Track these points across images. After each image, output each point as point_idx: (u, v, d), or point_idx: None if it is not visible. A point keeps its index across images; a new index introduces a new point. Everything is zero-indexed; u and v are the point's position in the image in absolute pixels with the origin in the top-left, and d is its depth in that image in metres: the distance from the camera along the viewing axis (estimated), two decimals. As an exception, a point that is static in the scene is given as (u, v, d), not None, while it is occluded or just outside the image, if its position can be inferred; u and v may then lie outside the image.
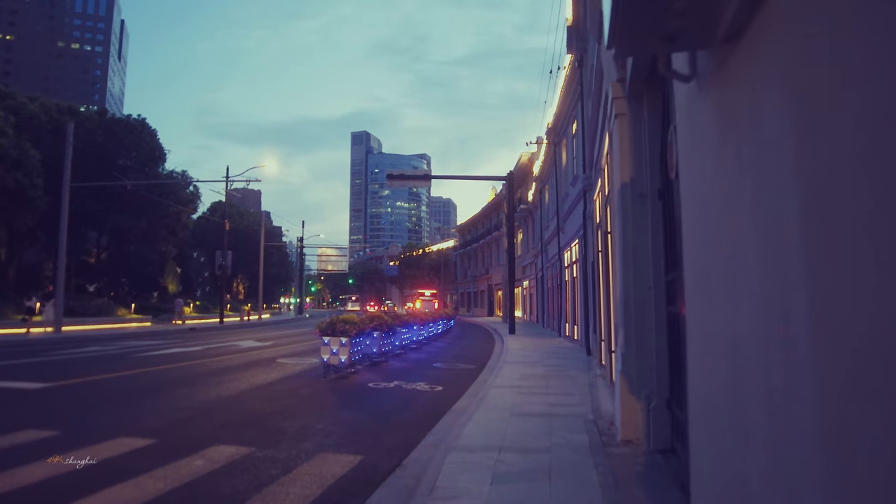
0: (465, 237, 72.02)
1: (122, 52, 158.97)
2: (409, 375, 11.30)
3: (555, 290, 25.85)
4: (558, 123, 22.36)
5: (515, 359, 13.43)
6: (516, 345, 17.86)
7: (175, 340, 20.84)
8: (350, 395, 8.94)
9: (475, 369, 12.19)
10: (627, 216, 5.48)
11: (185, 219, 41.30)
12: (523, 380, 9.77)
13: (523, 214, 41.51)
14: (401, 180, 26.00)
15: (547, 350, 16.07)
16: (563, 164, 22.32)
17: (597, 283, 10.38)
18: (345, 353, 10.27)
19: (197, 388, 9.39)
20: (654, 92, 5.18)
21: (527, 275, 42.10)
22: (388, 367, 12.47)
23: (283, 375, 11.05)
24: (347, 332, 10.25)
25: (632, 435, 5.32)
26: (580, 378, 9.98)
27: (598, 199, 10.81)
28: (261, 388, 9.48)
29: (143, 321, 34.86)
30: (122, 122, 39.64)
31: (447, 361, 13.97)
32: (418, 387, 9.66)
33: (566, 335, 21.29)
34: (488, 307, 58.71)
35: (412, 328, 16.61)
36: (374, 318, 12.58)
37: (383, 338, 12.75)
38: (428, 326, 19.60)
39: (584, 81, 15.55)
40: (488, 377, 10.35)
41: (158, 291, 46.72)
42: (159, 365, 12.80)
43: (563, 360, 13.14)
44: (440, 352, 16.92)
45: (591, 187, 13.62)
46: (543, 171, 29.71)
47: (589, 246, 14.57)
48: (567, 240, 20.81)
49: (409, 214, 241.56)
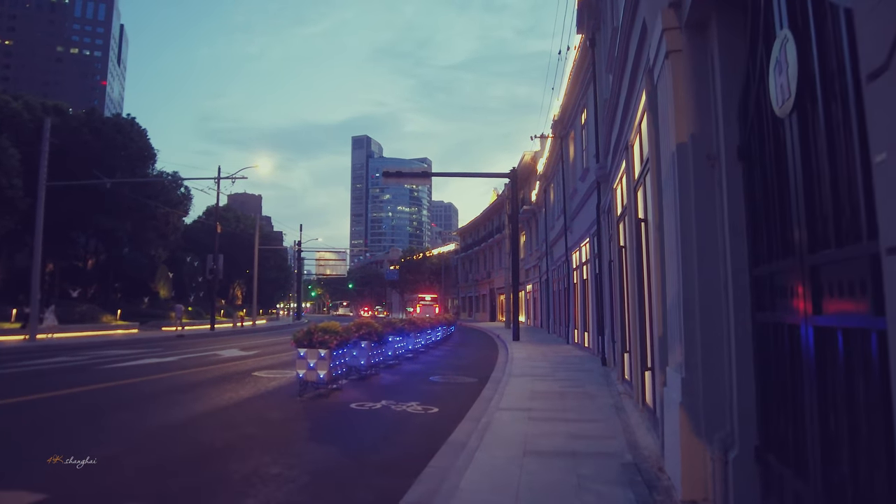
0: (466, 240, 70.51)
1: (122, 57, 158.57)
2: (401, 392, 9.78)
3: (561, 293, 24.31)
4: (565, 115, 20.88)
5: (522, 370, 11.89)
6: (522, 353, 16.31)
7: (154, 349, 19.33)
8: (325, 421, 7.41)
9: (477, 384, 10.66)
10: (687, 190, 3.96)
11: (175, 221, 39.75)
12: (534, 399, 8.23)
13: (526, 216, 40.01)
14: (397, 177, 24.54)
15: (556, 360, 14.53)
16: (571, 159, 20.81)
17: (622, 285, 8.86)
18: (324, 367, 8.75)
19: (145, 412, 7.87)
20: (731, 10, 3.68)
21: (530, 278, 40.56)
22: (378, 382, 10.94)
23: (254, 393, 9.53)
24: (327, 344, 8.74)
25: (698, 494, 3.79)
26: (601, 397, 8.44)
27: (620, 187, 9.30)
28: (222, 410, 7.96)
29: (130, 328, 33.34)
30: (111, 122, 38.19)
31: (446, 374, 12.44)
32: (409, 408, 8.13)
33: (575, 342, 19.74)
34: (490, 312, 57.14)
35: (407, 336, 15.09)
36: (362, 327, 11.07)
37: (372, 348, 11.23)
38: (425, 333, 18.07)
39: (595, 62, 14.06)
40: (492, 394, 8.82)
41: (150, 297, 45.16)
42: (120, 379, 11.29)
43: (576, 373, 11.60)
44: (438, 362, 15.39)
45: (608, 177, 12.12)
46: (549, 169, 28.21)
47: (604, 243, 13.05)
48: (576, 239, 19.30)
49: (410, 219, 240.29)
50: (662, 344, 5.07)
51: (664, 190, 4.61)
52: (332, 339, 8.76)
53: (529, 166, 38.04)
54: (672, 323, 4.27)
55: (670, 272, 4.37)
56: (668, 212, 4.37)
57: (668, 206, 4.40)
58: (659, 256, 5.21)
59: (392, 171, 24.55)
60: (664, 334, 5.01)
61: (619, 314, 9.88)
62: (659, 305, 5.18)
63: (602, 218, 13.16)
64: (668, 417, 4.36)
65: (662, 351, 5.06)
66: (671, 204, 4.27)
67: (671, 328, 4.31)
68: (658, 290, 5.20)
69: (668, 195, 4.43)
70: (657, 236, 5.23)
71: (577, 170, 18.97)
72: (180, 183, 40.69)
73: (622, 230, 9.25)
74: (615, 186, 9.96)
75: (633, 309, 7.60)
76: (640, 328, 7.02)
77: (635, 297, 7.47)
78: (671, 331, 4.31)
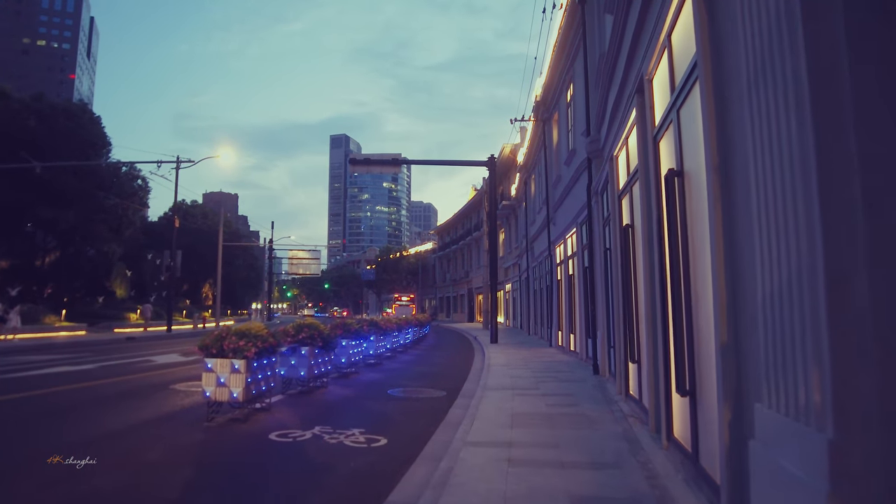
0: (443, 239, 68.47)
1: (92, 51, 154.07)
2: (346, 413, 7.68)
3: (543, 292, 22.39)
4: (549, 94, 18.94)
5: (501, 381, 9.87)
6: (500, 358, 14.30)
7: (81, 355, 16.90)
8: (225, 464, 5.29)
9: (445, 400, 8.61)
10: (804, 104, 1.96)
11: (131, 215, 36.96)
12: (515, 425, 6.21)
13: (505, 212, 38.14)
14: (366, 165, 22.40)
15: (540, 366, 12.54)
16: (555, 143, 18.89)
17: (626, 276, 6.87)
18: (238, 383, 6.60)
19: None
20: None
21: (509, 277, 38.68)
22: (321, 398, 8.82)
23: (153, 415, 7.36)
24: (242, 352, 6.59)
25: None
26: (603, 422, 6.44)
27: (624, 151, 7.33)
28: (88, 444, 5.78)
29: (76, 329, 30.60)
30: (60, 107, 35.26)
31: (409, 386, 10.36)
32: (349, 438, 6.04)
33: (559, 345, 17.81)
34: (468, 312, 55.19)
35: (367, 339, 12.97)
36: (302, 329, 8.94)
37: (317, 355, 9.10)
38: (392, 336, 15.95)
39: (586, 20, 12.11)
40: (461, 417, 6.78)
41: (105, 296, 42.19)
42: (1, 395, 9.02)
43: (565, 385, 9.61)
44: (404, 369, 13.29)
45: (601, 151, 10.17)
46: (529, 159, 26.31)
47: (596, 231, 11.11)
48: (560, 232, 17.37)
49: (388, 219, 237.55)
50: (730, 358, 3.07)
51: (752, 103, 2.58)
52: (249, 346, 6.61)
53: (508, 160, 36.18)
54: (782, 327, 2.25)
55: (772, 241, 2.34)
56: (772, 141, 2.33)
57: (771, 132, 2.36)
58: (721, 222, 3.21)
59: (360, 157, 22.41)
60: (735, 344, 3.02)
61: (620, 313, 7.91)
62: (723, 298, 3.17)
63: (594, 201, 11.22)
64: (768, 497, 2.35)
65: (730, 371, 3.07)
66: (783, 126, 2.23)
67: (777, 336, 2.29)
68: (721, 274, 3.19)
69: (766, 111, 2.40)
70: (722, 192, 3.23)
71: (562, 154, 17.06)
72: (136, 174, 37.95)
73: (626, 207, 7.28)
74: (616, 154, 7.99)
75: (648, 306, 5.61)
76: (660, 333, 5.04)
77: (652, 289, 5.49)
78: (777, 341, 2.28)
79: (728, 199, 3.16)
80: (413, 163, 22.92)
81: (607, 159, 8.81)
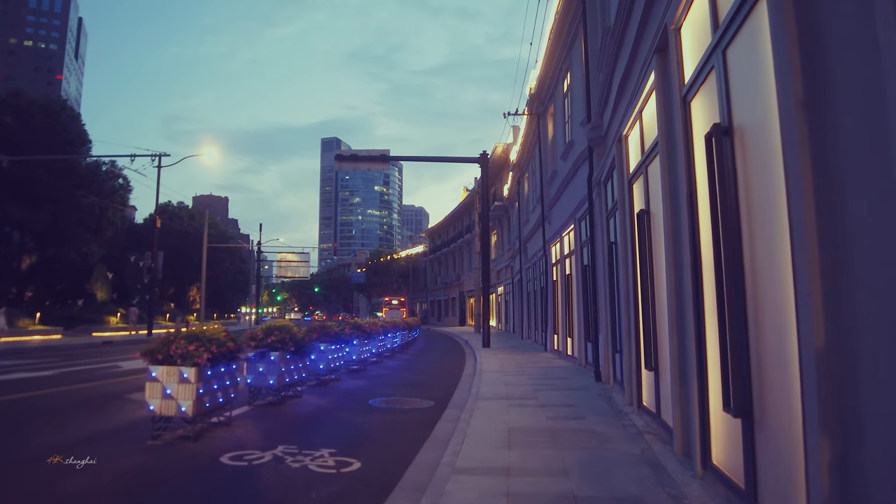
0: (435, 242, 67.49)
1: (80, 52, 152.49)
2: (318, 428, 6.71)
3: (537, 294, 21.50)
4: (543, 87, 18.07)
5: (495, 390, 8.94)
6: (493, 364, 13.37)
7: (48, 360, 15.80)
8: (157, 497, 4.31)
9: (431, 412, 7.66)
10: None
11: (111, 215, 35.69)
12: (513, 445, 5.27)
13: (498, 213, 37.29)
14: (353, 161, 21.42)
15: (536, 372, 11.62)
16: (550, 138, 18.02)
17: (637, 272, 5.95)
18: (188, 394, 5.62)
19: None
20: None
21: (501, 280, 37.79)
22: (292, 410, 7.83)
23: (97, 431, 6.36)
24: (192, 358, 5.60)
25: None
26: (616, 439, 5.51)
27: (637, 127, 6.43)
28: (9, 469, 4.79)
29: (52, 333, 29.35)
30: (37, 103, 34.04)
31: (393, 395, 9.39)
32: (315, 462, 5.07)
33: (555, 349, 16.90)
34: (460, 316, 54.23)
35: (350, 343, 11.98)
36: (272, 332, 7.96)
37: (289, 361, 8.12)
38: (378, 340, 14.96)
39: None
40: (450, 433, 5.84)
41: (85, 299, 40.83)
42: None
43: (566, 393, 8.69)
44: (390, 376, 12.32)
45: (604, 138, 9.30)
46: (523, 156, 25.46)
47: (598, 225, 10.21)
48: (556, 230, 16.49)
49: (380, 222, 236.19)
50: (827, 369, 2.15)
51: None
52: (201, 352, 5.63)
53: (501, 160, 35.33)
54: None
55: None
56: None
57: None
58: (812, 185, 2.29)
59: (346, 154, 21.46)
60: (835, 351, 2.10)
61: (630, 313, 7.00)
62: (816, 291, 2.25)
63: (595, 192, 10.33)
64: None
65: (828, 388, 2.14)
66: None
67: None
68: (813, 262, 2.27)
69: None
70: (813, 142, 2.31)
71: (558, 148, 16.18)
72: (118, 172, 36.73)
73: (639, 191, 6.38)
74: (626, 133, 7.09)
75: (673, 304, 4.70)
76: (691, 336, 4.12)
77: (679, 284, 4.58)
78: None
79: (821, 152, 2.25)
80: (402, 159, 22.00)
81: (613, 142, 7.91)
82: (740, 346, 3.08)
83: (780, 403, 2.70)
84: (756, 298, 3.01)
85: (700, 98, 3.98)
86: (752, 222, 3.02)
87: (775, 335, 2.75)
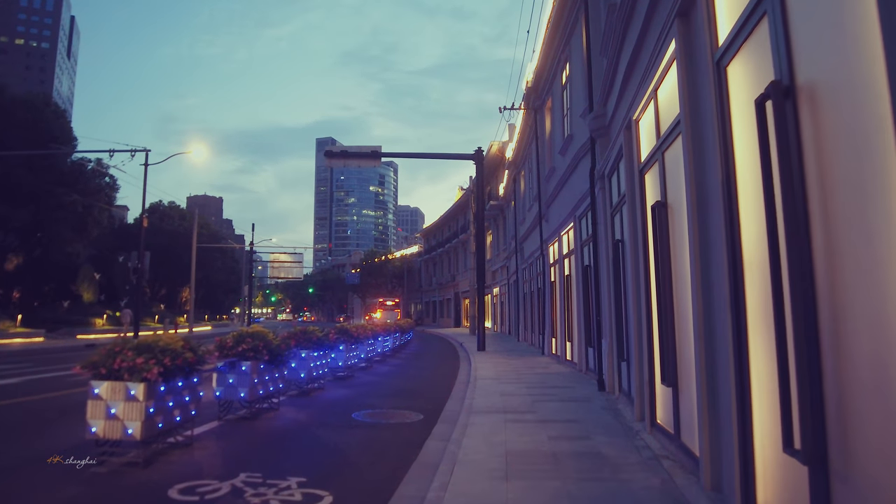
0: (430, 242, 66.71)
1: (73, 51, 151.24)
2: (287, 450, 5.95)
3: (534, 295, 20.78)
4: (541, 80, 17.35)
5: (490, 401, 8.19)
6: (489, 370, 12.63)
7: (21, 366, 14.98)
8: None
9: (420, 428, 6.91)
10: None
11: (97, 215, 34.75)
12: (514, 475, 4.53)
13: (493, 212, 36.58)
14: (343, 158, 20.64)
15: (534, 380, 10.89)
16: (548, 133, 17.31)
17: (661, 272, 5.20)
18: (135, 414, 4.85)
19: None
20: None
21: (497, 280, 37.07)
22: (264, 427, 7.07)
23: (39, 452, 5.58)
24: (141, 372, 4.84)
25: None
26: (631, 467, 4.77)
27: (652, 106, 5.70)
28: None
29: (33, 336, 28.45)
30: (20, 99, 33.12)
31: (380, 406, 8.64)
32: (279, 496, 4.31)
33: (553, 353, 16.18)
34: (455, 317, 53.46)
35: (335, 349, 11.22)
36: (244, 340, 7.20)
37: (262, 371, 7.35)
38: (366, 345, 14.20)
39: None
40: (439, 457, 5.10)
41: (71, 300, 39.85)
42: None
43: (568, 406, 7.95)
44: (377, 384, 11.56)
45: (608, 128, 8.60)
46: (519, 153, 24.74)
47: (601, 221, 9.49)
48: (554, 228, 15.78)
49: (375, 223, 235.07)
50: None
51: None
52: (150, 365, 4.87)
53: (496, 158, 34.65)
54: None
55: None
56: None
57: None
58: None
59: (336, 150, 20.69)
60: None
61: (642, 318, 6.27)
62: None
63: (598, 187, 9.61)
64: None
65: None
66: None
67: None
68: None
69: None
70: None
71: (556, 143, 15.46)
72: (104, 170, 35.81)
73: (653, 182, 5.66)
74: (637, 118, 6.36)
75: (698, 310, 3.97)
76: (730, 346, 3.39)
77: (706, 284, 3.86)
78: None
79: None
80: (394, 155, 21.31)
81: (620, 130, 7.18)
82: (813, 371, 2.35)
83: (875, 451, 1.97)
84: (835, 306, 2.27)
85: (742, 59, 3.25)
86: (830, 208, 2.29)
87: (869, 357, 2.02)
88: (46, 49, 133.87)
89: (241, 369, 7.07)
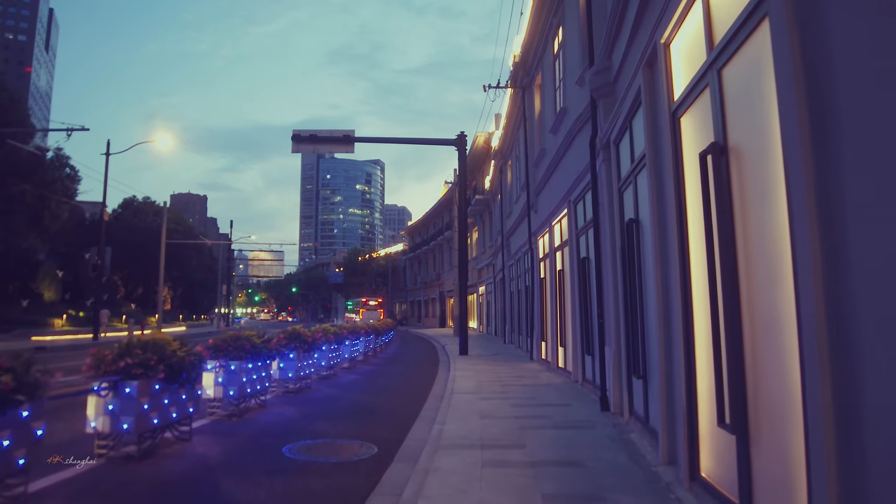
0: (415, 240, 64.81)
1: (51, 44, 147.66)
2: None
3: (522, 293, 19.01)
4: (529, 53, 15.55)
5: (465, 427, 6.38)
6: (469, 380, 10.82)
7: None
8: None
9: (366, 473, 5.05)
10: None
11: (55, 208, 32.44)
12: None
13: (479, 208, 34.79)
14: (312, 143, 18.73)
15: (522, 394, 9.09)
16: (538, 112, 15.53)
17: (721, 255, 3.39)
18: None
19: None
20: None
21: (483, 279, 35.28)
22: (155, 471, 5.16)
23: None
24: None
25: None
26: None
27: (679, 36, 3.89)
28: None
29: (-19, 339, 26.17)
30: (-28, 86, 30.83)
31: (326, 434, 6.77)
32: None
33: (543, 359, 14.40)
34: (440, 317, 51.63)
35: (285, 358, 9.35)
36: (132, 352, 5.32)
37: (158, 394, 5.46)
38: (328, 351, 12.30)
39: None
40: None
41: (30, 300, 37.45)
42: None
43: (566, 435, 6.15)
44: (334, 399, 9.69)
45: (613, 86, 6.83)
46: (506, 141, 22.97)
47: (604, 203, 7.70)
48: (544, 219, 14.01)
49: (361, 222, 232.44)
50: None
51: None
52: None
53: (482, 151, 32.85)
54: None
55: None
56: None
57: None
58: None
59: (305, 134, 18.76)
60: None
61: (677, 327, 4.47)
62: None
63: (601, 159, 7.82)
64: None
65: None
66: None
67: None
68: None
69: None
70: None
71: (547, 121, 13.68)
72: (65, 161, 33.51)
73: (695, 126, 3.85)
74: (665, 41, 4.55)
75: (811, 316, 2.16)
76: None
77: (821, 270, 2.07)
78: None
79: None
80: (368, 140, 19.39)
81: (637, 72, 5.37)
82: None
83: None
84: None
85: None
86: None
87: None
88: (24, 42, 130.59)
89: (124, 392, 5.19)
